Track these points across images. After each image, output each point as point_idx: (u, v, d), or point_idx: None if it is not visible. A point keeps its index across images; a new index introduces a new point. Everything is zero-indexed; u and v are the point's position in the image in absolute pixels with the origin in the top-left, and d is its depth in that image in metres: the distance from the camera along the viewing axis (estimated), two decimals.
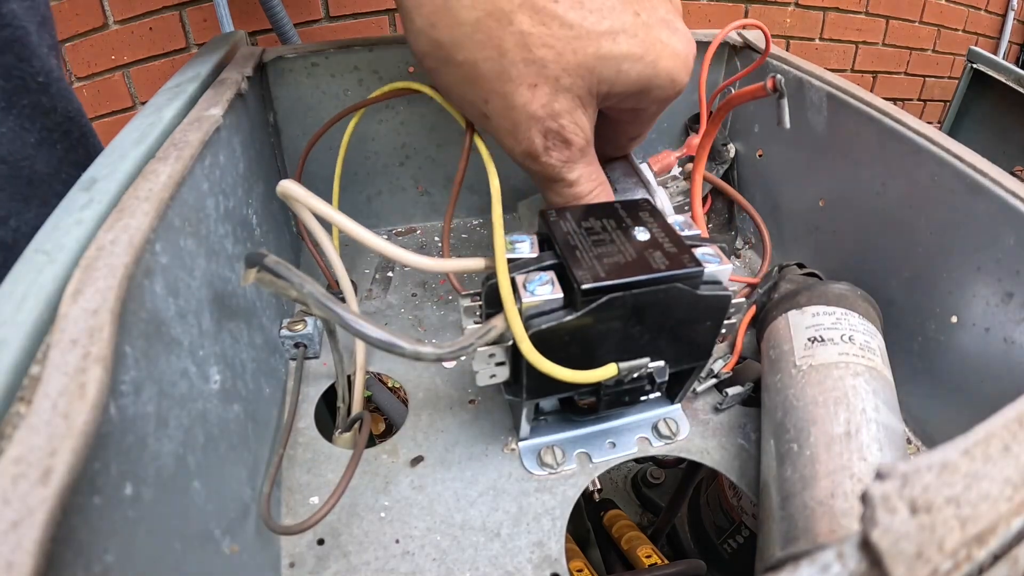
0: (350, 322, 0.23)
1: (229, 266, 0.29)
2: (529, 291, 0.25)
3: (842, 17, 1.42)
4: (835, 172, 0.42)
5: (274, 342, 0.36)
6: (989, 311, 0.31)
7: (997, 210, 0.31)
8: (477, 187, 0.54)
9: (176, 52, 0.92)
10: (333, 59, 0.44)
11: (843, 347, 0.31)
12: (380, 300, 0.45)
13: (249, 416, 0.28)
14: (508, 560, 0.29)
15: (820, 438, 0.28)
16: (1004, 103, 1.06)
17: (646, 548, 0.46)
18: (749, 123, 0.51)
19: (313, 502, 0.31)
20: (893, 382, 0.31)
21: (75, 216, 0.20)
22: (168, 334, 0.21)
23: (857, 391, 0.29)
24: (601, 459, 0.34)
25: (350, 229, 0.25)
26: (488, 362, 0.28)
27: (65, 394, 0.14)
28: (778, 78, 0.31)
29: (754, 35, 0.51)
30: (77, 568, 0.14)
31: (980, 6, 1.63)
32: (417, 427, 0.35)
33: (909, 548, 0.11)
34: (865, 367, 0.30)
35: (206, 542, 0.21)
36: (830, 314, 0.33)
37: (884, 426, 0.28)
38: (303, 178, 0.48)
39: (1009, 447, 0.12)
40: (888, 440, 0.27)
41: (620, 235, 0.28)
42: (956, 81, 1.16)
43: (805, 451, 0.28)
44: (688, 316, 0.28)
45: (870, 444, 0.27)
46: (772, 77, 0.31)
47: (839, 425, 0.28)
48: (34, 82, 0.34)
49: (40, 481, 0.13)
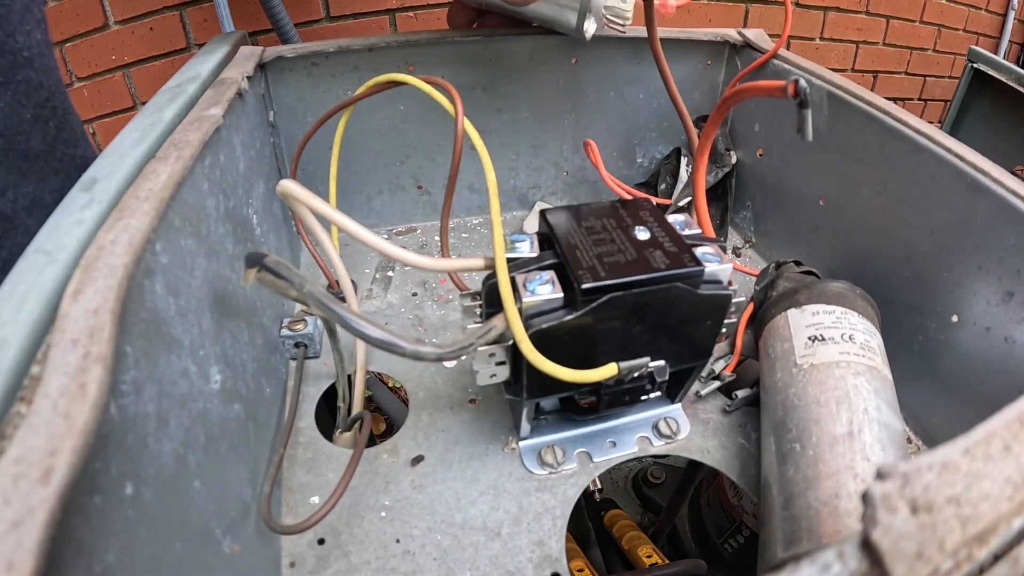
0: (350, 322, 0.23)
1: (229, 266, 0.29)
2: (529, 290, 0.25)
3: (842, 17, 1.41)
4: (836, 171, 0.42)
5: (274, 342, 0.36)
6: (990, 310, 0.31)
7: (998, 209, 0.31)
8: (478, 186, 0.54)
9: (177, 52, 0.92)
10: (333, 59, 0.44)
11: (844, 346, 0.31)
12: (380, 300, 0.45)
13: (250, 416, 0.28)
14: (509, 560, 0.29)
15: (823, 438, 0.28)
16: (1004, 102, 1.06)
17: (647, 548, 0.46)
18: (749, 122, 0.51)
19: (313, 502, 0.31)
20: (892, 381, 0.31)
21: (75, 216, 0.20)
22: (168, 334, 0.21)
23: (859, 390, 0.29)
24: (602, 458, 0.34)
25: (350, 228, 0.25)
26: (488, 362, 0.28)
27: (66, 394, 0.14)
28: (801, 84, 0.28)
29: (754, 34, 0.51)
30: (78, 568, 0.14)
31: (980, 6, 1.63)
32: (417, 427, 0.35)
33: (910, 548, 0.11)
34: (866, 366, 0.30)
35: (207, 542, 0.21)
36: (830, 313, 0.33)
37: (886, 426, 0.28)
38: (302, 178, 0.48)
39: (1010, 447, 0.12)
40: (890, 440, 0.27)
41: (620, 234, 0.28)
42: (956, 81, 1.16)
43: (808, 451, 0.28)
44: (688, 315, 0.28)
45: (873, 444, 0.27)
46: (795, 81, 0.28)
47: (841, 425, 0.28)
48: (21, 57, 0.35)
49: (41, 481, 0.13)
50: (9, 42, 0.34)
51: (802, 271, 0.39)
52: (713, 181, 0.51)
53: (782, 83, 0.29)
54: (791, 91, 0.28)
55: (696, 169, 0.39)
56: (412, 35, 0.45)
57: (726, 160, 0.51)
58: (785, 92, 0.28)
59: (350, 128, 0.46)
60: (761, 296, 0.38)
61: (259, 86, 0.42)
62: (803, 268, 0.39)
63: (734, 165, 0.52)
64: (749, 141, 0.52)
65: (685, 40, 0.51)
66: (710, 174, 0.51)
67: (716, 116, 0.36)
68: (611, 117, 0.54)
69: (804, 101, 0.28)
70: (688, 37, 0.51)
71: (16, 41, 0.34)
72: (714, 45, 0.52)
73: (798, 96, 0.28)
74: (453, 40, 0.46)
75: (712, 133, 0.38)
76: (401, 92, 0.43)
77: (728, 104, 0.35)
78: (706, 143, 0.38)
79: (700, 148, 0.39)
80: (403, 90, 0.32)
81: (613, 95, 0.53)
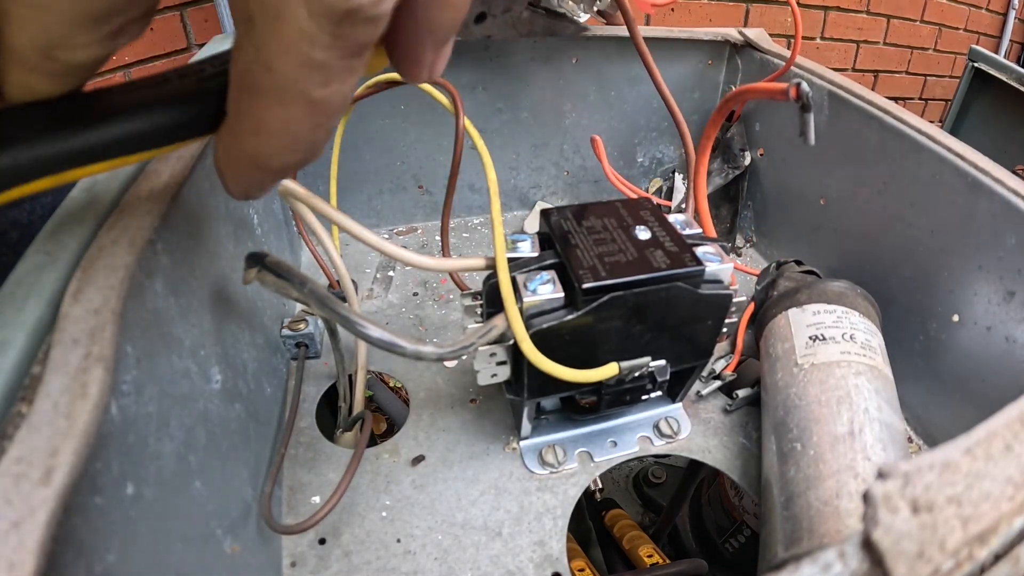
0: (351, 321, 0.23)
1: (230, 266, 0.29)
2: (530, 290, 0.25)
3: (843, 16, 1.41)
4: (836, 171, 0.42)
5: (275, 342, 0.36)
6: (991, 310, 0.31)
7: (998, 209, 0.31)
8: (478, 186, 0.54)
9: (177, 52, 0.92)
10: None
11: (844, 346, 0.31)
12: (381, 299, 0.45)
13: (250, 416, 0.28)
14: (509, 559, 0.29)
15: (824, 437, 0.28)
16: (1005, 102, 1.05)
17: (647, 547, 0.46)
18: (750, 122, 0.51)
19: (314, 501, 0.31)
20: (893, 381, 0.31)
21: (76, 216, 0.20)
22: (169, 334, 0.21)
23: (860, 390, 0.29)
24: (602, 458, 0.34)
25: (351, 228, 0.25)
26: (489, 361, 0.28)
27: (67, 394, 0.14)
28: (803, 88, 0.28)
29: (755, 33, 0.51)
30: (79, 568, 0.14)
31: (981, 5, 1.63)
32: (418, 426, 0.35)
33: (911, 547, 0.11)
34: (867, 366, 0.30)
35: (207, 542, 0.21)
36: (831, 312, 0.33)
37: (887, 425, 0.28)
38: (303, 178, 0.48)
39: (1011, 446, 0.12)
40: (891, 439, 0.27)
41: (621, 234, 0.28)
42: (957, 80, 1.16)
43: (809, 450, 0.28)
44: (689, 315, 0.28)
45: (874, 444, 0.27)
46: (796, 85, 0.28)
47: (842, 425, 0.28)
48: None
49: (42, 481, 0.13)
50: None
51: (803, 271, 0.39)
52: (723, 182, 0.50)
53: (784, 86, 0.29)
54: (793, 94, 0.28)
55: (697, 170, 0.39)
56: None
57: (740, 161, 0.50)
58: (787, 95, 0.28)
59: (350, 128, 0.47)
60: (762, 295, 0.38)
61: None
62: (804, 268, 0.39)
63: (747, 167, 0.51)
64: (749, 141, 0.52)
65: (685, 40, 0.51)
66: (720, 175, 0.51)
67: (717, 117, 0.36)
68: (611, 117, 0.54)
69: (806, 105, 0.28)
70: (688, 37, 0.51)
71: None
72: (715, 45, 0.52)
73: (800, 100, 0.28)
74: (453, 40, 0.46)
75: (712, 134, 0.38)
76: (401, 92, 0.43)
77: (729, 105, 0.35)
78: (707, 144, 0.38)
79: (701, 148, 0.39)
80: (403, 90, 0.32)
81: (613, 95, 0.53)
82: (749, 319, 0.39)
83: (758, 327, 0.37)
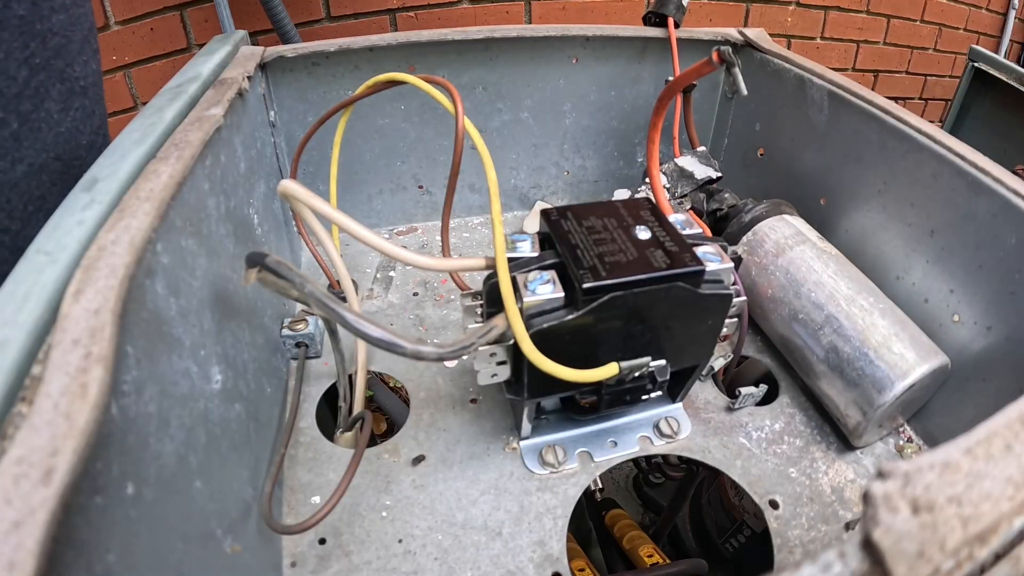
0: (351, 321, 0.23)
1: (230, 266, 0.29)
2: (530, 290, 0.25)
3: (843, 16, 1.41)
4: (836, 171, 0.42)
5: (275, 342, 0.36)
6: (991, 309, 0.31)
7: (999, 208, 0.31)
8: (478, 186, 0.54)
9: (177, 52, 0.92)
10: (334, 59, 0.44)
11: (823, 244, 0.39)
12: (381, 299, 0.45)
13: (251, 416, 0.28)
14: (510, 559, 0.29)
15: (845, 303, 0.34)
16: (1006, 102, 1.05)
17: (648, 547, 0.46)
18: (750, 122, 0.51)
19: (315, 501, 0.31)
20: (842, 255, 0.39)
21: (76, 216, 0.20)
22: (170, 334, 0.21)
23: (849, 266, 0.37)
24: (603, 458, 0.33)
25: (351, 228, 0.25)
26: (489, 361, 0.28)
27: (67, 394, 0.14)
28: (723, 49, 0.30)
29: (755, 33, 0.51)
30: (79, 568, 0.14)
31: (981, 5, 1.63)
32: (418, 426, 0.35)
33: (911, 547, 0.11)
34: (833, 254, 0.38)
35: (208, 542, 0.21)
36: (796, 223, 0.40)
37: (871, 291, 0.36)
38: (303, 178, 0.48)
39: (1011, 446, 0.12)
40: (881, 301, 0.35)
41: (621, 234, 0.28)
42: (957, 80, 1.15)
43: (840, 315, 0.34)
44: (690, 315, 0.28)
45: (878, 300, 0.35)
46: (716, 50, 0.31)
47: (853, 288, 0.35)
48: (78, 85, 0.36)
49: (42, 481, 0.13)
50: (68, 71, 0.35)
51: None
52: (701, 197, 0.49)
53: (706, 59, 0.31)
54: (716, 59, 0.31)
55: (649, 149, 0.41)
56: (413, 35, 0.45)
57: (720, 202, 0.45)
58: (712, 64, 0.30)
59: (350, 128, 0.47)
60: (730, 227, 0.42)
61: (260, 86, 0.42)
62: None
63: (726, 213, 0.45)
64: (749, 140, 0.52)
65: (686, 39, 0.51)
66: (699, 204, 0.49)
67: (660, 107, 0.38)
68: (611, 117, 0.54)
69: (730, 62, 0.31)
70: (689, 36, 0.51)
71: (74, 70, 0.36)
72: (715, 44, 0.52)
73: (724, 61, 0.31)
74: (453, 40, 0.46)
75: (659, 123, 0.39)
76: (402, 92, 0.43)
77: (667, 97, 0.36)
78: (654, 134, 0.40)
79: (649, 139, 0.40)
80: (403, 90, 0.32)
81: (613, 95, 0.53)
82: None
83: (732, 240, 0.41)
